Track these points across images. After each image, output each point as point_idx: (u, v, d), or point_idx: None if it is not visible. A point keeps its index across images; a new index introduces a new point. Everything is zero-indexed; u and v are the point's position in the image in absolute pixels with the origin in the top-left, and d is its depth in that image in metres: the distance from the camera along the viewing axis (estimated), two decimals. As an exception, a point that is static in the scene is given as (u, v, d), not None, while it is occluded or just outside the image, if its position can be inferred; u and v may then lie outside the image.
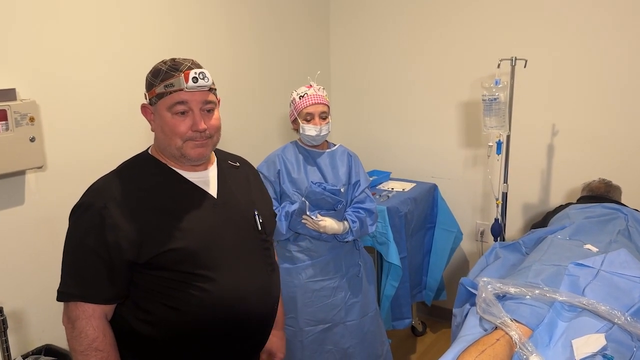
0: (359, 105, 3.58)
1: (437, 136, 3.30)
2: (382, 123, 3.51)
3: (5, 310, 1.86)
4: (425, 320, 3.48)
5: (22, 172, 2.00)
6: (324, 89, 2.30)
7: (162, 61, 1.34)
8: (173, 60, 1.33)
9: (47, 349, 2.06)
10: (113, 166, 1.43)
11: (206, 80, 1.29)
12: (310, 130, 2.23)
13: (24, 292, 2.05)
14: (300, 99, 2.26)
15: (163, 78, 1.29)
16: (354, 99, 3.58)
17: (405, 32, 3.30)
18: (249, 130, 3.02)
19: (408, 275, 2.92)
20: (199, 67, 1.32)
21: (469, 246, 3.34)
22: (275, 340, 1.67)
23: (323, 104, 2.24)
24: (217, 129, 1.37)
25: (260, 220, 1.44)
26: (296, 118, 2.27)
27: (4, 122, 1.82)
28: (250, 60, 2.98)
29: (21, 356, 1.99)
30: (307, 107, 2.23)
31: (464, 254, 3.39)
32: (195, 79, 1.27)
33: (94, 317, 1.25)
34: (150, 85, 1.33)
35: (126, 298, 1.30)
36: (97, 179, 1.35)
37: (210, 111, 1.35)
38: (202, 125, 1.30)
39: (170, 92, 1.28)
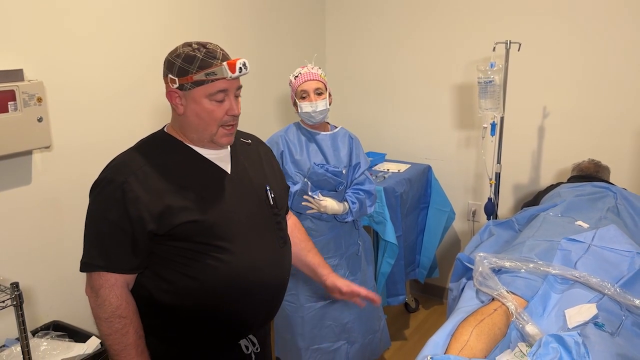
0: (354, 87, 3.62)
1: (430, 118, 3.36)
2: (377, 105, 3.56)
3: (15, 287, 1.91)
4: (418, 297, 3.58)
5: (29, 152, 2.03)
6: (319, 68, 2.35)
7: (189, 47, 1.34)
8: (203, 46, 1.34)
9: (55, 325, 2.12)
10: (118, 146, 1.46)
11: (247, 70, 1.34)
12: (306, 106, 2.28)
13: (32, 270, 2.09)
14: (295, 79, 2.32)
15: (201, 65, 1.31)
16: (349, 82, 3.62)
17: (400, 16, 3.34)
18: (245, 113, 3.04)
19: (403, 254, 3.00)
20: (227, 55, 1.36)
21: (460, 225, 3.43)
22: (336, 278, 1.72)
23: (317, 80, 2.29)
24: (239, 115, 1.43)
25: (272, 196, 1.50)
26: (295, 99, 2.32)
27: (12, 102, 1.85)
28: (246, 45, 3.00)
29: (30, 332, 2.04)
30: (301, 84, 2.28)
31: (455, 233, 3.48)
32: (240, 69, 1.32)
33: (117, 286, 1.31)
34: (183, 71, 1.32)
35: (146, 268, 1.35)
36: (116, 156, 1.40)
37: (238, 96, 1.41)
38: (238, 110, 1.38)
39: (212, 80, 1.32)
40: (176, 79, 1.34)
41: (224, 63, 1.31)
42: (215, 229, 1.34)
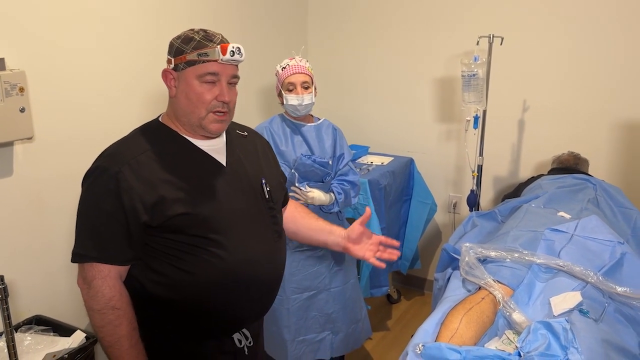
0: (337, 80, 3.62)
1: (413, 111, 3.39)
2: (360, 98, 3.57)
3: (-2, 280, 1.87)
4: (400, 288, 3.62)
5: (10, 144, 1.98)
6: (307, 61, 2.35)
7: (192, 30, 1.37)
8: (205, 31, 1.36)
9: (38, 319, 2.08)
10: (103, 137, 1.45)
11: (241, 56, 1.35)
12: (292, 99, 2.28)
13: (12, 263, 2.05)
14: (282, 70, 2.32)
15: (196, 46, 1.32)
16: (332, 75, 3.62)
17: (384, 9, 3.35)
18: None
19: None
20: (227, 41, 1.37)
21: (441, 217, 3.47)
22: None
23: (304, 73, 2.29)
24: (234, 105, 1.42)
25: (268, 189, 1.49)
26: (281, 90, 2.32)
27: (-6, 92, 1.81)
28: (227, 35, 2.97)
29: (13, 327, 2.01)
30: (288, 76, 2.28)
31: (437, 225, 3.52)
32: (232, 53, 1.32)
33: (110, 277, 1.29)
34: (179, 51, 1.34)
35: (139, 260, 1.34)
36: (109, 145, 1.38)
37: (233, 85, 1.40)
38: (227, 97, 1.36)
39: (204, 61, 1.32)
40: (172, 59, 1.36)
41: (218, 46, 1.32)
42: (209, 222, 1.33)
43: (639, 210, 2.15)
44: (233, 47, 1.33)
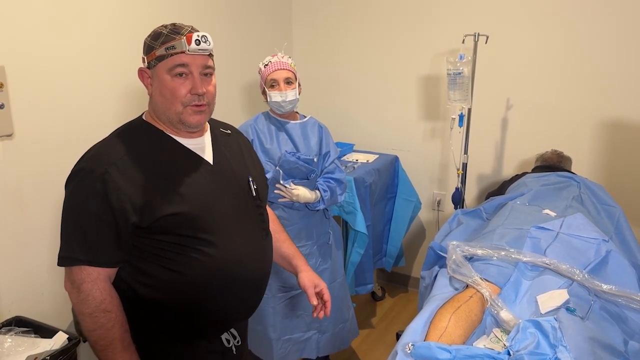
0: (322, 78, 3.61)
1: (398, 109, 3.39)
2: (346, 96, 3.56)
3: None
4: (384, 285, 3.63)
5: (-11, 141, 1.94)
6: (290, 57, 2.33)
7: (163, 25, 1.34)
8: (174, 24, 1.34)
9: (18, 321, 2.03)
10: (84, 135, 1.42)
11: (208, 44, 1.31)
12: (275, 96, 2.27)
13: (-9, 264, 2.01)
14: (265, 67, 2.30)
15: (164, 41, 1.30)
16: (317, 72, 3.60)
17: (369, 7, 3.34)
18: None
19: (371, 243, 3.03)
20: (196, 31, 1.34)
21: (426, 215, 3.48)
22: (308, 276, 1.66)
23: (287, 69, 2.28)
24: (214, 96, 1.39)
25: (255, 187, 1.47)
26: (264, 88, 2.30)
27: (-28, 88, 1.76)
28: (210, 32, 2.93)
29: (-8, 329, 1.96)
30: (271, 73, 2.27)
31: (421, 222, 3.53)
32: (197, 42, 1.28)
33: (100, 279, 1.26)
34: (150, 48, 1.32)
35: (127, 262, 1.31)
36: (92, 145, 1.35)
37: (208, 76, 1.36)
38: (202, 89, 1.32)
39: (172, 55, 1.29)
40: (145, 57, 1.33)
41: (184, 37, 1.29)
42: (199, 221, 1.30)
43: (621, 208, 2.18)
44: (198, 36, 1.29)
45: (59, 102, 2.15)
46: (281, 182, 2.22)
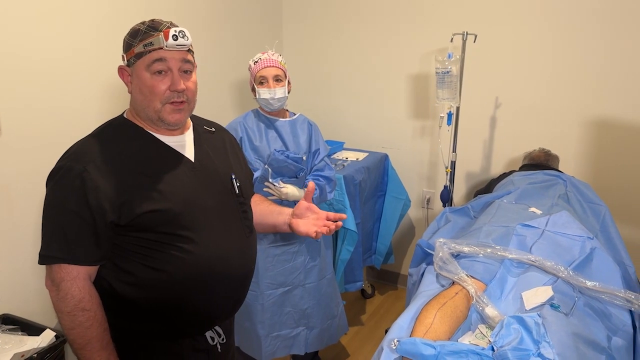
0: (312, 76, 3.61)
1: (388, 108, 3.40)
2: (335, 94, 3.57)
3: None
4: (373, 283, 3.64)
5: (-25, 138, 1.93)
6: (280, 55, 2.34)
7: (141, 22, 1.34)
8: (152, 20, 1.33)
9: (5, 318, 2.03)
10: (71, 131, 1.41)
11: (186, 39, 1.31)
12: (264, 93, 2.27)
13: (-22, 261, 2.00)
14: (254, 64, 2.30)
15: (142, 38, 1.30)
16: (307, 71, 3.61)
17: (358, 5, 3.35)
18: (200, 100, 3.00)
19: (361, 241, 3.04)
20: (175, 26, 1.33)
21: (415, 212, 3.50)
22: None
23: (276, 67, 2.28)
24: (194, 93, 1.38)
25: (238, 184, 1.47)
26: (254, 85, 2.30)
27: (-43, 84, 1.75)
28: (200, 30, 2.94)
29: (-22, 327, 1.96)
30: (260, 70, 2.27)
31: (410, 220, 3.55)
32: (175, 37, 1.28)
33: (79, 278, 1.26)
34: (128, 46, 1.32)
35: (107, 260, 1.31)
36: (73, 143, 1.34)
37: (188, 72, 1.36)
38: (181, 85, 1.31)
39: (150, 51, 1.29)
40: (124, 55, 1.33)
41: (161, 33, 1.29)
42: (179, 218, 1.30)
43: (607, 206, 2.20)
44: (176, 31, 1.29)
45: (46, 100, 2.14)
46: (270, 180, 2.23)
